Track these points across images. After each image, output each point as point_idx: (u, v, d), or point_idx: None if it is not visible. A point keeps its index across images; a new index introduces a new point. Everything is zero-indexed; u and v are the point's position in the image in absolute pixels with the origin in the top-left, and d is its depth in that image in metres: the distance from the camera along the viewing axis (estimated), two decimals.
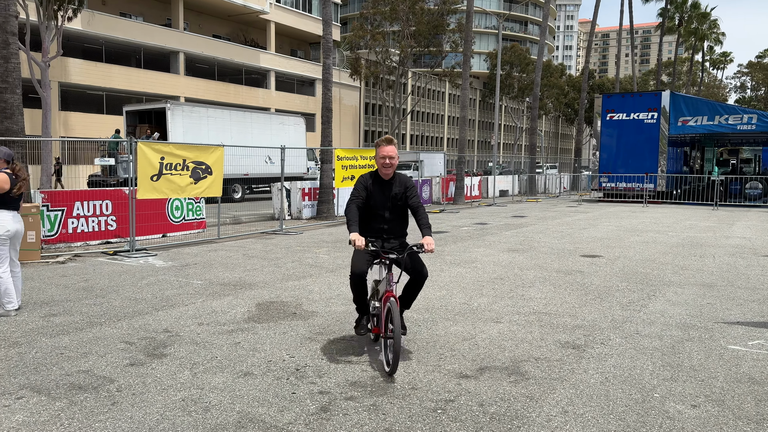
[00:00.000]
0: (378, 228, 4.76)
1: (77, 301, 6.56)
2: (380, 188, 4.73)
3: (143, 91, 34.40)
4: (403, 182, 4.76)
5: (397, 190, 4.72)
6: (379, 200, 4.71)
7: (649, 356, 4.82)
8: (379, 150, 4.67)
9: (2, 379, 4.15)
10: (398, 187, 4.74)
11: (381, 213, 4.73)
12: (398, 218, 4.79)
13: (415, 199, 4.72)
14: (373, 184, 4.73)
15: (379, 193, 4.72)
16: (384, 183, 4.74)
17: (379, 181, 4.75)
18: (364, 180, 4.73)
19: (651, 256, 10.17)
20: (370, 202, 4.71)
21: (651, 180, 24.30)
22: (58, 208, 10.56)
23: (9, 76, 10.26)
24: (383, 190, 4.73)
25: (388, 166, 4.65)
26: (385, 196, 4.72)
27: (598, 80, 73.27)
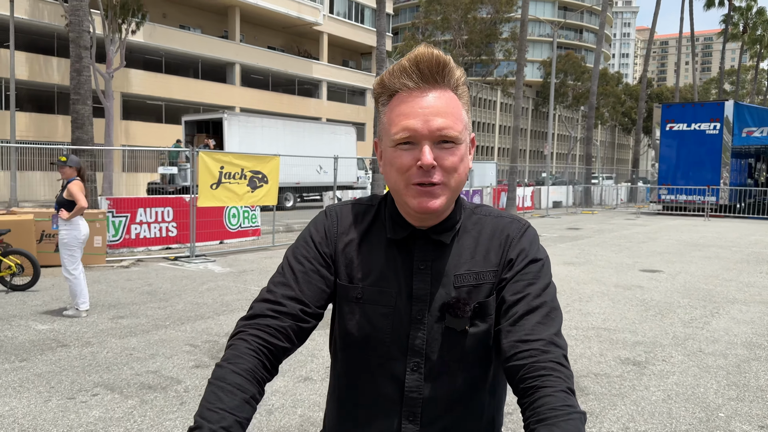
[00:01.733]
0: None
1: (142, 304, 6.84)
2: (391, 260, 1.17)
3: (200, 102, 35.44)
4: (502, 244, 1.17)
5: (466, 272, 1.15)
6: (383, 308, 1.16)
7: (713, 375, 4.70)
8: (396, 107, 1.10)
9: (78, 377, 4.37)
10: (476, 260, 1.17)
11: (390, 364, 1.16)
12: (464, 394, 1.17)
13: (537, 312, 1.09)
14: (362, 240, 1.19)
15: (383, 274, 1.16)
16: (410, 241, 1.17)
17: (389, 228, 1.18)
18: (324, 230, 1.21)
19: (714, 271, 9.85)
20: (345, 322, 1.19)
21: (713, 193, 23.49)
22: (123, 215, 11.00)
23: (81, 88, 10.80)
24: (403, 268, 1.16)
25: (430, 177, 1.07)
26: (410, 288, 1.15)
27: (657, 89, 71.44)
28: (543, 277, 1.14)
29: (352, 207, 1.24)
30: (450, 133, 1.08)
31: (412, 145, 1.08)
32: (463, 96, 1.14)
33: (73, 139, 10.89)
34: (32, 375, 4.40)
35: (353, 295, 1.17)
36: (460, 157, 1.10)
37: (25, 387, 4.16)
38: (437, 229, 1.16)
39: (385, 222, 1.20)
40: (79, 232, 6.18)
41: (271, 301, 1.13)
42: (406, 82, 1.09)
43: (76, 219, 6.16)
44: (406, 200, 1.11)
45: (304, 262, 1.17)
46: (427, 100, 1.08)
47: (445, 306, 1.14)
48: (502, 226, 1.19)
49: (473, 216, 1.21)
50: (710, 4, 48.35)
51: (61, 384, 4.23)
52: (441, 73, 1.09)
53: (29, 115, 27.82)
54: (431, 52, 1.08)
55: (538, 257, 1.16)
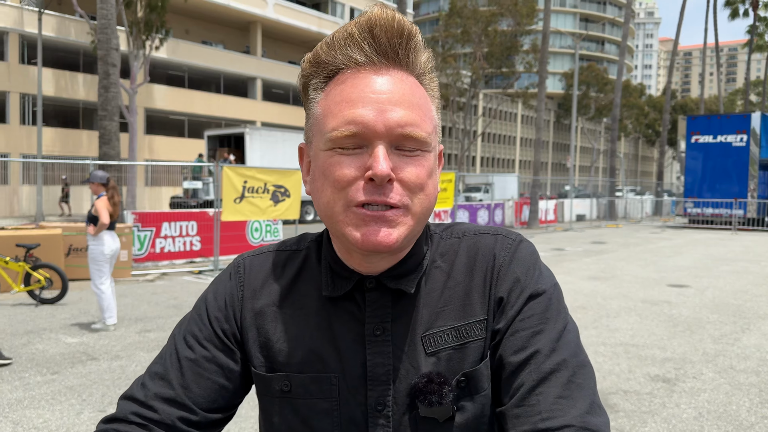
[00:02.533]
0: None
1: (168, 318, 6.90)
2: (327, 329, 0.82)
3: (222, 116, 35.90)
4: (487, 275, 0.82)
5: (441, 330, 0.81)
6: (323, 402, 0.81)
7: (745, 392, 4.60)
8: (336, 92, 0.76)
9: (109, 390, 4.43)
10: (452, 308, 0.82)
11: None
12: None
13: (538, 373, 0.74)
14: (281, 305, 0.85)
15: (317, 353, 0.81)
16: (357, 295, 0.82)
17: (326, 282, 0.83)
18: (224, 298, 0.86)
19: (743, 286, 9.67)
20: (271, 425, 0.85)
21: (740, 206, 23.12)
22: (148, 229, 11.15)
23: (108, 104, 11.02)
24: (349, 339, 0.81)
25: (383, 196, 0.73)
26: (364, 367, 0.80)
27: (681, 100, 70.77)
28: (552, 319, 0.78)
29: (267, 257, 0.89)
30: (415, 132, 0.74)
31: (358, 148, 0.74)
32: (432, 88, 0.81)
33: (101, 154, 11.09)
34: (64, 388, 4.47)
35: (277, 388, 0.82)
36: (428, 170, 0.77)
37: (58, 399, 4.22)
38: (395, 273, 0.80)
39: (318, 274, 0.85)
40: (104, 246, 6.23)
41: (139, 402, 0.80)
42: (353, 55, 0.75)
43: (102, 234, 6.23)
44: (344, 231, 0.75)
45: (195, 346, 0.83)
46: (384, 82, 0.74)
47: (415, 390, 0.78)
48: (484, 248, 0.83)
49: (442, 243, 0.86)
50: (735, 14, 47.85)
51: (92, 397, 4.28)
52: (405, 46, 0.76)
53: (55, 130, 28.42)
54: (391, 15, 0.74)
55: (540, 288, 0.80)
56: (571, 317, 0.81)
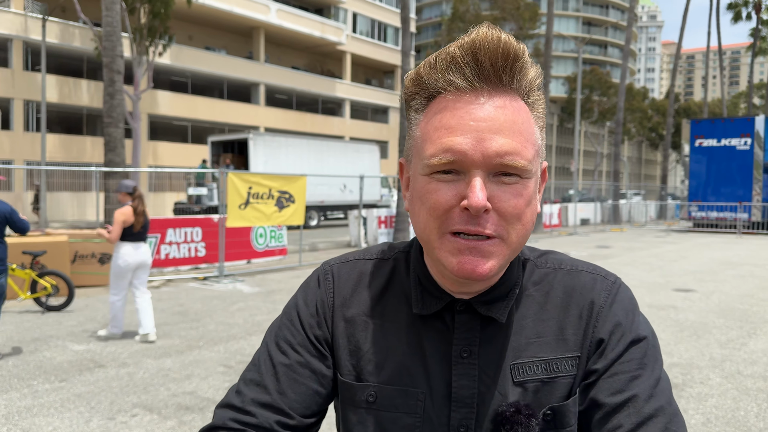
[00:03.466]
0: None
1: (174, 325, 6.92)
2: (417, 346, 0.83)
3: (225, 122, 35.98)
4: (584, 314, 0.82)
5: (531, 360, 0.81)
6: (408, 418, 0.81)
7: (753, 398, 4.59)
8: (436, 116, 0.76)
9: (117, 397, 4.44)
10: (546, 339, 0.82)
11: None
12: None
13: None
14: (371, 315, 0.86)
15: (405, 368, 0.82)
16: (447, 316, 0.83)
17: (416, 300, 0.84)
18: (316, 304, 0.88)
19: (749, 291, 9.65)
20: (347, 423, 0.86)
21: (745, 209, 23.07)
22: (153, 235, 11.17)
23: (114, 111, 11.07)
24: (436, 358, 0.82)
25: (479, 226, 0.73)
26: (449, 388, 0.81)
27: (684, 104, 70.72)
28: (652, 365, 0.78)
29: (355, 264, 0.89)
30: (515, 161, 0.72)
31: (455, 175, 0.74)
32: (537, 106, 0.79)
33: (106, 161, 11.13)
34: (72, 395, 4.48)
35: (362, 398, 0.83)
36: (527, 198, 0.75)
37: (66, 407, 4.24)
38: (486, 299, 0.81)
39: (408, 287, 0.85)
40: (121, 259, 6.04)
41: (237, 409, 0.81)
42: (454, 80, 0.74)
43: (121, 246, 6.06)
44: (439, 257, 0.76)
45: (288, 352, 0.84)
46: (484, 109, 0.73)
47: (500, 417, 0.79)
48: (581, 287, 0.83)
49: (537, 270, 0.85)
50: (737, 17, 47.84)
51: (100, 404, 4.29)
52: (510, 69, 0.74)
53: (59, 136, 28.52)
54: (497, 36, 0.72)
55: (641, 335, 0.80)
56: (663, 367, 0.82)
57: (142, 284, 6.31)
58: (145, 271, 6.31)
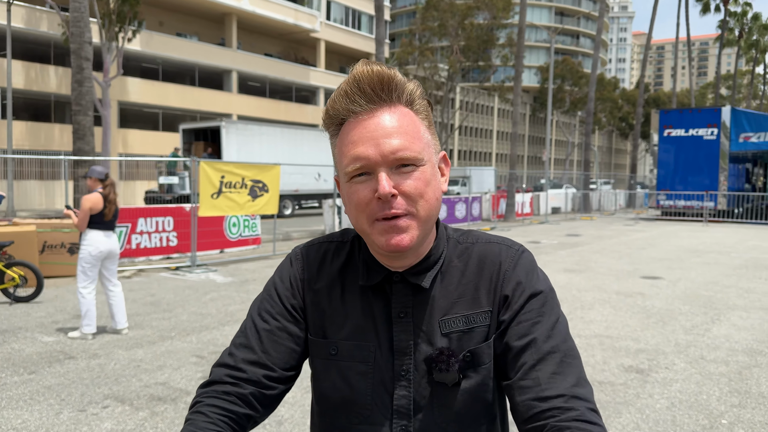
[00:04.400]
0: None
1: (146, 315, 6.86)
2: (367, 309, 1.04)
3: (197, 109, 35.50)
4: (494, 277, 1.03)
5: (454, 317, 1.01)
6: (362, 365, 1.02)
7: (715, 382, 4.74)
8: (345, 137, 0.98)
9: (88, 389, 4.41)
10: (465, 300, 1.02)
11: (374, 430, 1.02)
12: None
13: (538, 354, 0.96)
14: (332, 286, 1.06)
15: (359, 327, 1.03)
16: (387, 285, 1.04)
17: (362, 274, 1.05)
18: (290, 279, 1.08)
19: (714, 278, 9.91)
20: (320, 383, 1.06)
21: (711, 198, 23.60)
22: (124, 225, 11.03)
23: (82, 99, 10.85)
24: (381, 318, 1.03)
25: (391, 209, 0.94)
26: (391, 342, 1.02)
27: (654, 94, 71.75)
28: (548, 313, 0.98)
29: (320, 247, 1.09)
30: (406, 153, 0.93)
31: (367, 176, 0.94)
32: (421, 110, 0.99)
33: (75, 149, 10.92)
34: (42, 387, 4.43)
35: (327, 352, 1.03)
36: (424, 180, 0.94)
37: (36, 399, 4.19)
38: (415, 270, 1.01)
39: (359, 264, 1.05)
40: (92, 247, 5.78)
41: (231, 367, 1.00)
42: (350, 108, 0.96)
43: (91, 234, 5.80)
44: (373, 239, 0.96)
45: (269, 320, 1.03)
46: (375, 122, 0.94)
47: (430, 359, 0.98)
48: (492, 255, 1.03)
49: (458, 246, 1.05)
50: (706, 9, 48.61)
51: (71, 396, 4.26)
52: (387, 89, 0.95)
53: (26, 123, 27.85)
54: (371, 69, 0.94)
55: (538, 289, 1.00)
56: (563, 312, 1.02)
57: (113, 275, 6.08)
58: (114, 261, 6.06)
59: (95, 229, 5.84)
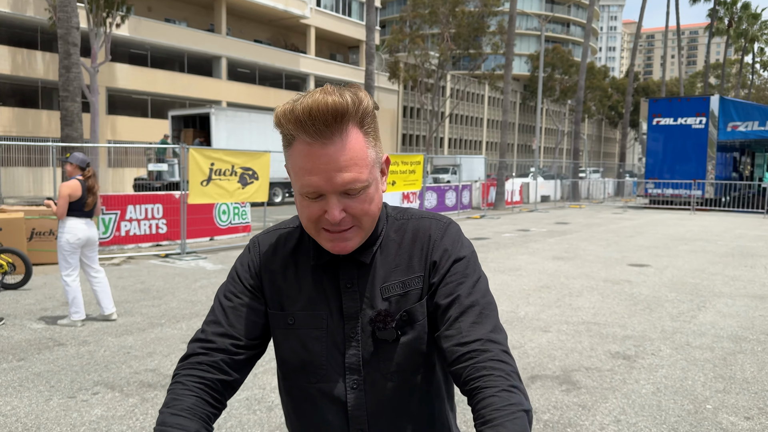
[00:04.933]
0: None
1: (136, 302, 6.86)
2: (318, 283, 1.17)
3: (186, 96, 35.23)
4: (424, 246, 1.17)
5: (392, 282, 1.16)
6: (316, 331, 1.16)
7: (700, 368, 4.82)
8: (297, 157, 1.05)
9: (78, 375, 4.41)
10: (400, 268, 1.17)
11: (330, 387, 1.16)
12: (405, 400, 1.18)
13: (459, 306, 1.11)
14: (286, 266, 1.20)
15: (312, 299, 1.17)
16: (334, 263, 1.18)
17: (313, 254, 1.18)
18: (248, 264, 1.22)
19: (700, 265, 10.02)
20: (281, 349, 1.20)
21: (699, 187, 23.79)
22: (113, 212, 10.97)
23: (70, 85, 10.74)
24: (331, 289, 1.17)
25: (339, 227, 1.09)
26: (341, 308, 1.16)
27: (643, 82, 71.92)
28: (470, 274, 1.13)
29: (273, 234, 1.23)
30: (355, 185, 1.03)
31: (320, 197, 1.05)
32: (370, 126, 1.07)
33: (63, 136, 10.82)
34: (31, 374, 4.43)
35: (285, 322, 1.16)
36: (369, 200, 1.07)
37: (25, 386, 4.19)
38: (358, 250, 1.15)
39: (309, 246, 1.19)
40: (70, 234, 5.73)
41: (202, 340, 1.14)
42: (301, 134, 1.01)
43: (70, 222, 5.75)
44: (321, 243, 1.11)
45: (232, 298, 1.17)
46: (327, 154, 1.01)
47: (371, 321, 1.13)
48: (423, 228, 1.18)
49: (396, 222, 1.20)
50: None
51: (61, 383, 4.26)
52: (339, 120, 1.00)
53: (12, 110, 27.54)
54: (325, 101, 0.98)
55: (462, 255, 1.15)
56: (484, 273, 1.17)
57: (94, 262, 6.02)
58: (93, 249, 6.00)
59: (75, 216, 5.78)
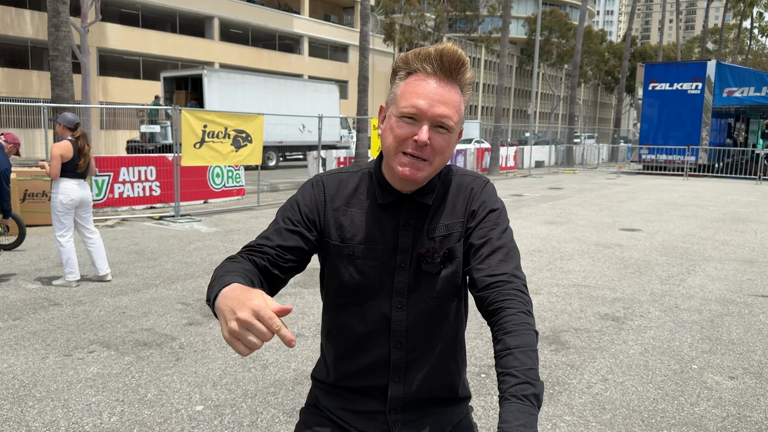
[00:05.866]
0: (368, 367, 1.40)
1: (131, 264, 6.88)
2: (377, 221, 1.36)
3: (179, 57, 34.72)
4: (466, 198, 1.38)
5: (439, 225, 1.36)
6: (372, 261, 1.35)
7: (687, 329, 4.90)
8: (411, 85, 1.26)
9: (73, 334, 4.46)
10: (445, 213, 1.37)
11: (379, 304, 1.37)
12: (438, 321, 1.39)
13: (495, 256, 1.30)
14: (348, 205, 1.38)
15: (370, 234, 1.35)
16: (397, 204, 1.36)
17: (379, 194, 1.37)
18: (311, 199, 1.38)
19: (691, 230, 10.11)
20: (341, 275, 1.37)
21: (692, 152, 23.80)
22: (106, 174, 10.92)
23: (60, 44, 10.55)
24: (389, 227, 1.36)
25: (420, 152, 1.25)
26: (396, 243, 1.35)
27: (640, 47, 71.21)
28: (501, 223, 1.36)
29: (336, 176, 1.40)
30: (448, 121, 1.24)
31: (414, 121, 1.23)
32: (467, 94, 1.30)
33: (54, 96, 10.69)
34: (27, 333, 4.48)
35: (345, 253, 1.36)
36: (448, 142, 1.27)
37: (21, 345, 4.24)
38: (421, 193, 1.34)
39: (374, 188, 1.37)
40: (63, 195, 5.71)
41: (254, 246, 1.33)
42: (426, 66, 1.25)
43: (63, 182, 5.73)
44: (393, 164, 1.27)
45: (288, 223, 1.35)
46: (438, 87, 1.24)
47: (420, 255, 1.34)
48: (466, 183, 1.40)
49: (444, 177, 1.41)
50: None
51: (56, 342, 4.31)
52: (457, 69, 1.25)
53: (2, 70, 27.10)
54: (456, 50, 1.24)
55: (496, 207, 1.38)
56: (510, 226, 1.39)
57: (88, 223, 6.02)
58: (87, 209, 5.99)
59: (67, 177, 5.76)
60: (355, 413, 1.41)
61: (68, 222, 5.84)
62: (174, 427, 3.10)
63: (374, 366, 1.39)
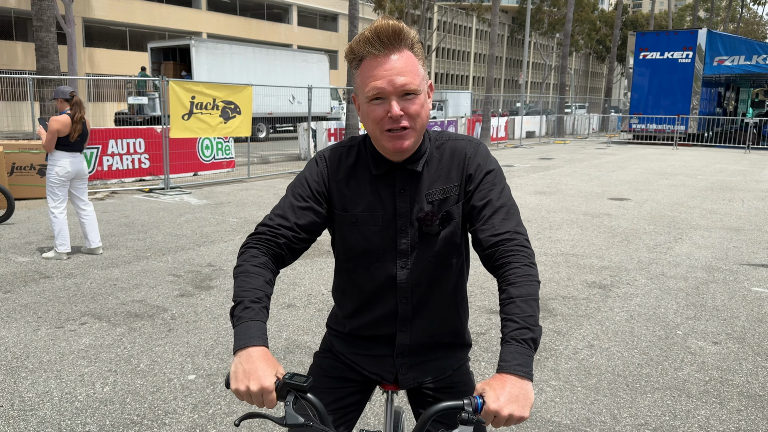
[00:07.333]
0: (378, 320, 1.54)
1: (121, 236, 6.88)
2: (375, 189, 1.48)
3: (166, 27, 34.16)
4: (461, 162, 1.47)
5: (435, 189, 1.46)
6: (374, 227, 1.48)
7: (673, 296, 4.98)
8: (365, 71, 1.35)
9: (65, 307, 4.48)
10: (441, 178, 1.47)
11: (385, 264, 1.49)
12: (439, 276, 1.52)
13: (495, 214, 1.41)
14: (349, 177, 1.49)
15: (370, 202, 1.47)
16: (391, 173, 1.48)
17: (373, 166, 1.48)
18: (317, 174, 1.49)
19: (679, 199, 10.18)
20: (348, 240, 1.51)
21: (682, 122, 23.83)
22: (94, 146, 10.83)
23: (43, 13, 10.37)
24: (387, 194, 1.47)
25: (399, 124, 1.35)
26: (394, 209, 1.47)
27: (632, 16, 70.63)
28: (498, 183, 1.45)
29: (336, 150, 1.51)
30: (410, 87, 1.32)
31: (382, 100, 1.32)
32: (418, 52, 1.37)
33: (39, 68, 10.53)
34: (18, 306, 4.49)
35: (350, 221, 1.48)
36: (420, 104, 1.36)
37: (13, 317, 4.26)
38: (410, 160, 1.44)
39: (368, 160, 1.48)
40: (59, 167, 5.73)
41: (270, 226, 1.43)
42: (370, 50, 1.32)
43: (58, 154, 5.74)
44: (383, 144, 1.37)
45: (299, 200, 1.45)
46: (389, 62, 1.32)
47: (420, 219, 1.45)
48: (460, 148, 1.48)
49: (436, 142, 1.50)
50: None
51: (48, 314, 4.33)
52: (397, 38, 1.32)
53: None
54: (387, 23, 1.31)
55: (491, 168, 1.46)
56: (507, 184, 1.49)
57: (83, 194, 6.04)
58: (82, 181, 6.01)
59: (62, 150, 5.78)
60: (367, 357, 1.58)
61: (62, 194, 5.86)
62: (167, 396, 3.14)
63: (383, 318, 1.53)
